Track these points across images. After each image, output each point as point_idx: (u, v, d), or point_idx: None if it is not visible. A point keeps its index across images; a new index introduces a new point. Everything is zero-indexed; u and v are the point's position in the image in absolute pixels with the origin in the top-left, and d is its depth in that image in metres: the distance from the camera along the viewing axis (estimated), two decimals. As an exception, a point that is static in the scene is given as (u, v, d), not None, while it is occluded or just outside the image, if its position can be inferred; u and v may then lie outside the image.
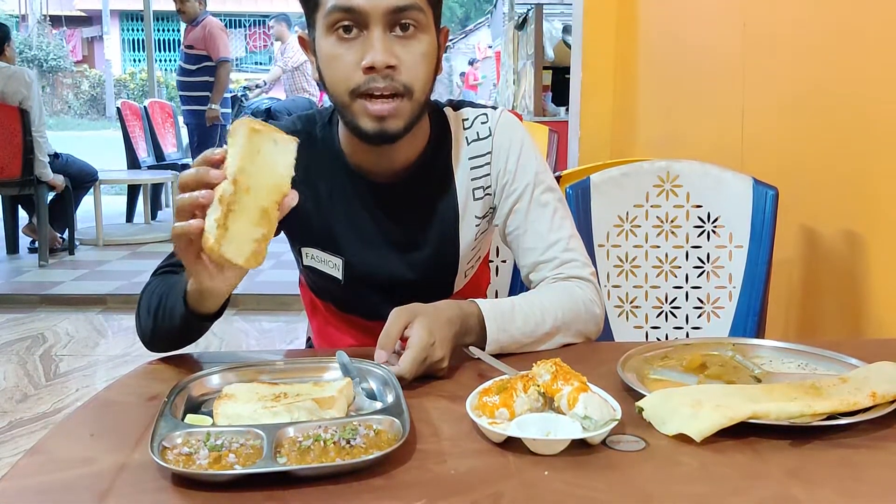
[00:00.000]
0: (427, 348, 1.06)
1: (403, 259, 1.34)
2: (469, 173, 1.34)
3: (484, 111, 1.37)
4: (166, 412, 0.89)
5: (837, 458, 0.85)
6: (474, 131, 1.35)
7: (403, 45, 1.16)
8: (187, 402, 0.97)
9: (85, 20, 23.69)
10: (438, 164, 1.33)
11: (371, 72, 1.14)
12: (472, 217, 1.35)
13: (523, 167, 1.34)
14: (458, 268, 1.38)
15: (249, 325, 4.18)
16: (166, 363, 1.16)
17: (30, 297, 4.64)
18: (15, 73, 5.13)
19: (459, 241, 1.35)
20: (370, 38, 1.14)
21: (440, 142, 1.34)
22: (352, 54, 1.15)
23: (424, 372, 1.07)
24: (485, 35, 24.05)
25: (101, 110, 21.49)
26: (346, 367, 1.05)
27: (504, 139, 1.34)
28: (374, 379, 1.03)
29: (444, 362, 1.09)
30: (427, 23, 1.19)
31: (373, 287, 1.34)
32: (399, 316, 1.10)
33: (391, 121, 1.17)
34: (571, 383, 0.91)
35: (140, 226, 6.78)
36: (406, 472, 0.82)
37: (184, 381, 0.99)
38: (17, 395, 3.19)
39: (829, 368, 1.10)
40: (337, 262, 1.33)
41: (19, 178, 5.18)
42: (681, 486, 0.79)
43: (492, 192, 1.36)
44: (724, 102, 2.53)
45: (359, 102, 1.17)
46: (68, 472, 0.82)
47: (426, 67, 1.20)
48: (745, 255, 1.77)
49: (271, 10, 24.26)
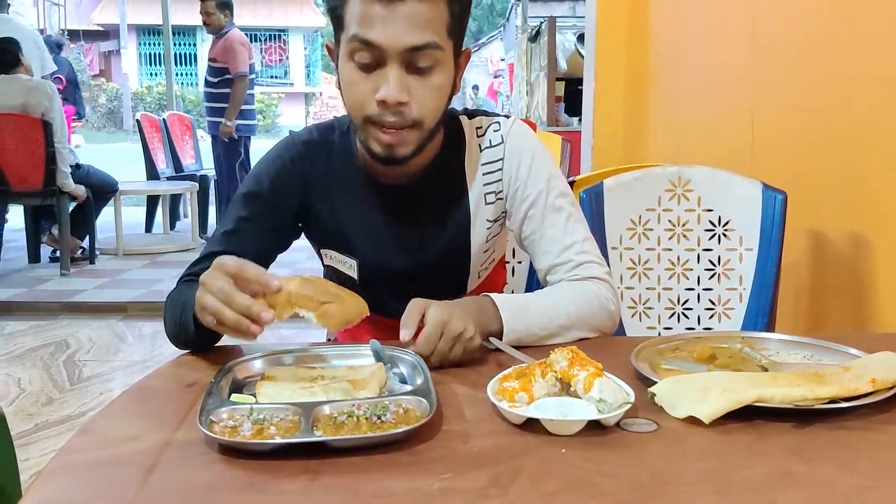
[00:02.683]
0: (441, 323, 1.11)
1: (415, 260, 1.39)
2: (482, 179, 1.39)
3: (497, 119, 1.42)
4: (213, 391, 0.96)
5: (837, 438, 0.90)
6: (487, 139, 1.40)
7: (418, 80, 1.20)
8: (232, 384, 1.04)
9: (102, 34, 23.98)
10: (451, 169, 1.38)
11: (383, 106, 1.19)
12: (484, 220, 1.40)
13: (535, 174, 1.38)
14: (470, 269, 1.43)
15: (268, 332, 4.22)
16: (201, 355, 1.22)
17: (52, 304, 4.73)
18: (37, 86, 5.23)
19: (471, 244, 1.40)
20: (386, 73, 1.18)
21: (454, 147, 1.39)
22: (368, 84, 1.20)
23: (453, 351, 1.12)
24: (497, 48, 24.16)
25: (118, 123, 21.74)
26: (378, 353, 1.11)
27: (515, 147, 1.39)
28: (405, 364, 1.09)
29: (469, 333, 1.13)
30: (445, 57, 1.22)
31: (387, 287, 1.39)
32: (416, 302, 1.16)
33: (399, 148, 1.24)
34: (587, 369, 0.96)
35: (159, 236, 6.88)
36: (431, 449, 0.87)
37: (229, 365, 1.07)
38: (42, 399, 3.26)
39: (833, 359, 1.15)
40: (352, 262, 1.39)
41: (41, 188, 5.27)
42: (689, 463, 0.85)
43: (503, 197, 1.40)
44: (733, 109, 2.58)
45: (371, 128, 1.23)
46: (116, 449, 0.88)
47: (439, 100, 1.25)
48: (754, 257, 1.82)
49: (287, 25, 24.51)
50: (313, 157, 1.38)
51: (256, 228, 1.34)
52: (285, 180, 1.36)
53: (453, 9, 1.21)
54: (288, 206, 1.37)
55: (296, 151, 1.38)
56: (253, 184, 1.37)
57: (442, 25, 1.20)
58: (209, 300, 1.03)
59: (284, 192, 1.36)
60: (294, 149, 1.38)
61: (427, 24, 1.18)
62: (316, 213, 1.39)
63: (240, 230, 1.33)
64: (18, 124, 5.14)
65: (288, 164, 1.37)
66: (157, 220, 6.99)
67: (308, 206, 1.38)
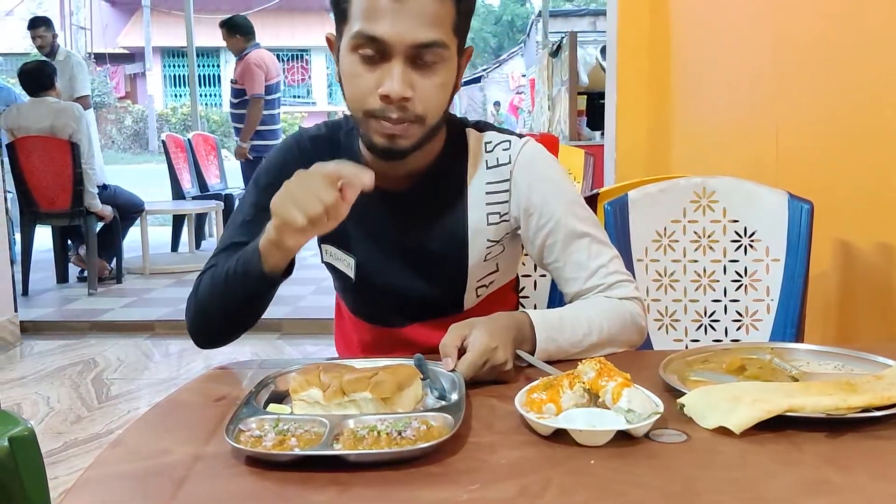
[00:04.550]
0: (487, 352, 1.11)
1: (410, 265, 1.37)
2: (484, 197, 1.36)
3: (508, 138, 1.38)
4: (250, 401, 0.97)
5: (871, 447, 0.89)
6: (494, 157, 1.37)
7: (422, 76, 1.19)
8: (273, 394, 1.05)
9: (128, 57, 24.33)
10: (450, 177, 1.36)
11: (386, 100, 1.18)
12: (484, 239, 1.37)
13: (551, 201, 1.35)
14: (467, 283, 1.40)
15: (294, 349, 4.27)
16: (230, 369, 1.23)
17: (80, 323, 4.77)
18: (64, 108, 5.30)
19: (468, 257, 1.38)
20: (390, 68, 1.17)
21: (454, 154, 1.36)
22: (371, 78, 1.19)
23: (488, 376, 1.12)
24: (518, 64, 24.19)
25: (143, 144, 21.99)
26: (421, 367, 1.10)
27: (526, 172, 1.35)
28: (446, 380, 1.09)
29: (508, 365, 1.13)
30: (450, 55, 1.22)
31: (383, 291, 1.38)
32: (456, 328, 1.16)
33: (401, 140, 1.22)
34: (615, 379, 0.96)
35: (185, 255, 6.93)
36: (460, 461, 0.87)
37: (271, 376, 1.08)
38: (71, 417, 3.29)
39: (864, 369, 1.13)
40: (350, 260, 1.38)
41: (69, 209, 5.34)
42: (720, 472, 0.84)
43: (509, 220, 1.37)
44: (757, 119, 2.57)
45: (372, 121, 1.22)
46: (148, 462, 0.89)
47: (442, 96, 1.24)
48: (781, 268, 1.81)
49: (309, 45, 24.72)
50: (319, 150, 1.37)
51: (269, 217, 1.34)
52: (294, 169, 1.36)
53: (460, 7, 1.21)
54: None
55: (303, 142, 1.40)
56: (264, 173, 1.39)
57: (448, 23, 1.20)
58: (298, 189, 1.10)
59: None
60: (302, 140, 1.40)
61: (434, 21, 1.17)
62: None
63: (256, 219, 1.32)
64: (47, 146, 5.22)
65: (296, 153, 1.38)
66: (183, 240, 7.06)
67: None
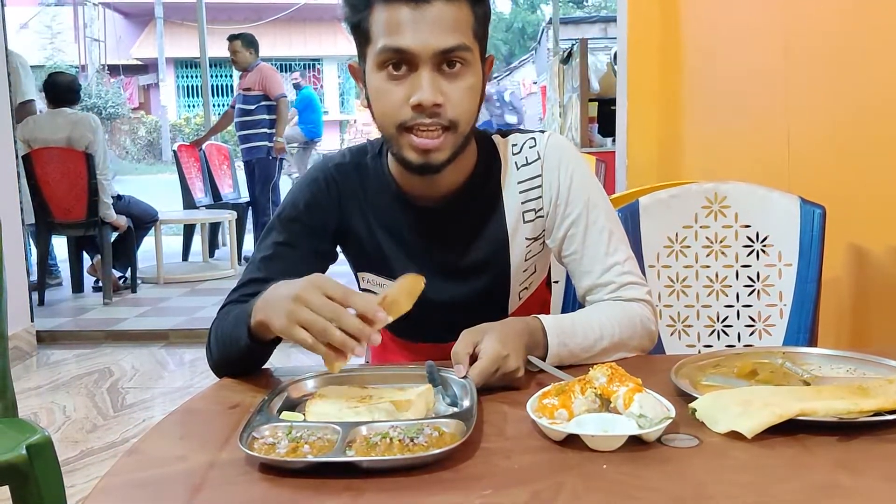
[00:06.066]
0: (499, 359, 1.11)
1: (455, 282, 1.38)
2: (518, 197, 1.37)
3: (532, 135, 1.40)
4: (263, 408, 0.98)
5: (883, 451, 0.89)
6: (523, 156, 1.38)
7: (450, 82, 1.21)
8: (286, 402, 1.06)
9: (141, 68, 24.48)
10: (486, 189, 1.37)
11: (419, 109, 1.19)
12: (523, 239, 1.39)
13: (577, 190, 1.37)
14: (510, 289, 1.41)
15: (306, 356, 4.28)
16: (244, 378, 1.23)
17: (96, 333, 4.81)
18: (81, 119, 5.35)
19: (510, 263, 1.39)
20: (419, 77, 1.19)
21: (488, 166, 1.37)
22: (401, 90, 1.20)
23: (499, 382, 1.12)
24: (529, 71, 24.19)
25: (157, 155, 22.08)
26: (432, 375, 1.11)
27: (554, 162, 1.37)
28: (457, 386, 1.10)
29: (520, 372, 1.14)
30: (473, 59, 1.23)
31: (427, 310, 1.38)
32: (467, 334, 1.16)
33: (435, 153, 1.23)
34: (627, 384, 0.96)
35: (198, 264, 6.97)
36: (472, 466, 0.88)
37: (283, 384, 1.09)
38: (87, 426, 3.31)
39: (876, 373, 1.13)
40: (390, 285, 1.39)
41: (84, 219, 5.38)
42: (732, 476, 0.84)
43: (544, 215, 1.38)
44: (769, 124, 2.56)
45: (405, 136, 1.22)
46: (163, 469, 0.90)
47: (471, 101, 1.25)
48: (794, 272, 1.80)
49: (321, 54, 24.82)
50: (347, 178, 1.38)
51: (294, 253, 1.34)
52: (320, 202, 1.37)
53: (477, 11, 1.23)
54: (325, 229, 1.37)
55: (329, 173, 1.39)
56: (289, 208, 1.38)
57: (468, 27, 1.22)
58: (309, 316, 1.00)
59: (321, 213, 1.37)
60: (327, 171, 1.39)
61: (455, 26, 1.19)
62: (354, 234, 1.39)
63: (279, 255, 1.33)
64: (63, 157, 5.26)
65: (323, 186, 1.38)
66: (194, 249, 7.09)
67: (346, 228, 1.39)
